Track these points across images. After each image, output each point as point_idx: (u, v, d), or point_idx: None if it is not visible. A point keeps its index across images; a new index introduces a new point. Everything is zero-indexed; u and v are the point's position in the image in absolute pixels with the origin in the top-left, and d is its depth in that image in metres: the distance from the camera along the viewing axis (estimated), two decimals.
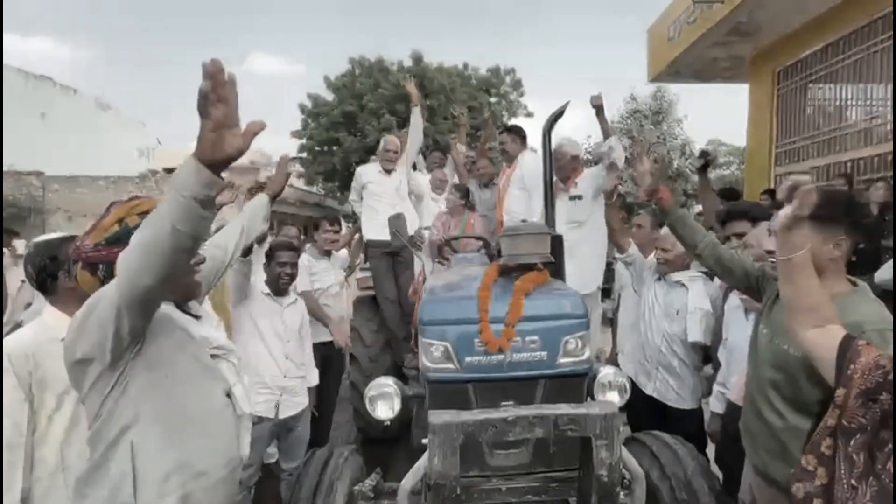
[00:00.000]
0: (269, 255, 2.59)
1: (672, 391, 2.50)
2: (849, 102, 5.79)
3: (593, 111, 3.20)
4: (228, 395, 1.36)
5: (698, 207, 9.21)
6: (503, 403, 1.63)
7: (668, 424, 2.53)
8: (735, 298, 2.20)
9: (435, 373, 1.73)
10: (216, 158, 0.94)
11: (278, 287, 2.59)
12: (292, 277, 2.60)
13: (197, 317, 1.41)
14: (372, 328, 3.77)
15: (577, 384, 1.78)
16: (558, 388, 1.71)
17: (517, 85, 20.53)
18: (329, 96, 18.98)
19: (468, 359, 1.70)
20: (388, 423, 1.84)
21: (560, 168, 3.29)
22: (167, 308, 1.27)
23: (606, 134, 3.23)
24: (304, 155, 20.15)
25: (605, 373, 1.83)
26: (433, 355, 1.72)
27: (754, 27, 5.84)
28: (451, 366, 1.71)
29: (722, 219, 2.69)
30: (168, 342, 1.21)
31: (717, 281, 2.58)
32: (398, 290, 3.76)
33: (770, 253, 1.56)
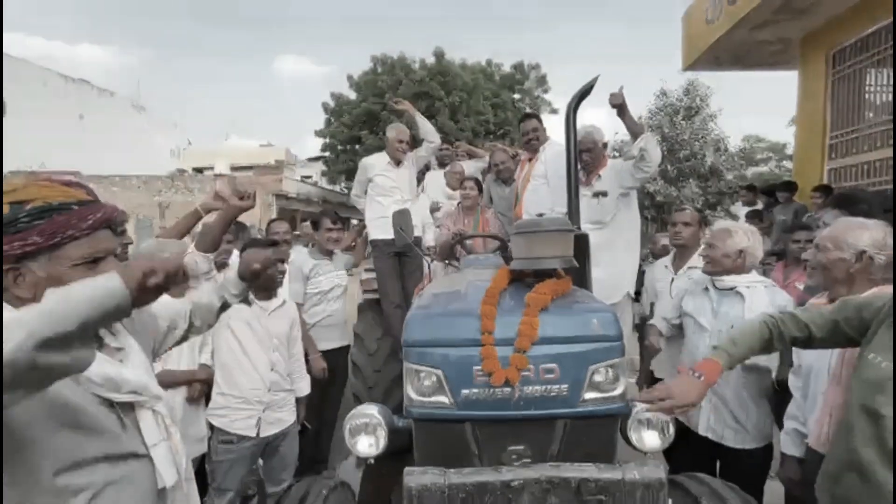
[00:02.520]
0: None
1: (729, 429, 2.02)
2: None
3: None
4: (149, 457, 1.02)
5: (735, 206, 8.57)
6: (510, 449, 1.26)
7: (720, 464, 2.10)
8: None
9: (422, 408, 1.36)
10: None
11: (265, 289, 2.29)
12: (280, 275, 2.30)
13: (118, 349, 1.05)
14: (376, 335, 3.45)
15: (609, 428, 1.39)
16: (583, 431, 1.32)
17: (542, 81, 20.02)
18: (352, 95, 18.89)
19: (465, 392, 1.32)
20: (371, 460, 1.50)
21: (584, 159, 2.88)
22: None
23: (634, 134, 2.78)
24: (328, 153, 20.15)
25: (642, 407, 1.43)
26: (421, 385, 1.35)
27: (807, 3, 5.24)
28: (443, 400, 1.33)
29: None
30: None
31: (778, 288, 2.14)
32: (404, 293, 3.43)
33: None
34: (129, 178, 18.44)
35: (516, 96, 19.70)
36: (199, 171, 24.47)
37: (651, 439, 1.45)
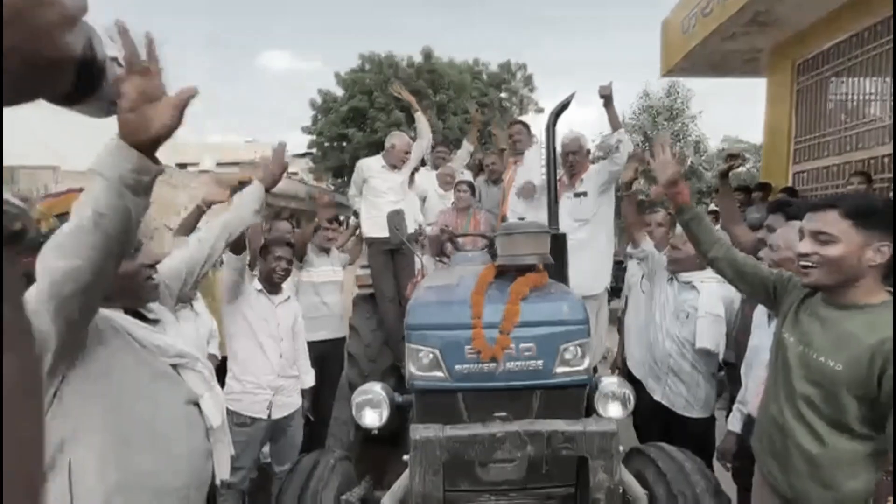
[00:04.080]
0: (264, 251, 2.51)
1: (681, 398, 2.38)
2: (870, 97, 5.53)
3: (601, 101, 3.04)
4: (198, 406, 1.26)
5: (713, 207, 8.98)
6: (495, 415, 1.51)
7: (676, 433, 2.40)
8: (762, 306, 2.03)
9: (422, 381, 1.61)
10: (140, 140, 0.83)
11: (272, 283, 2.51)
12: (287, 273, 2.53)
13: (155, 321, 1.30)
14: (371, 327, 3.68)
15: (576, 396, 1.66)
16: (555, 401, 1.59)
17: (528, 81, 20.29)
18: (339, 92, 18.91)
19: (458, 367, 1.58)
20: (377, 431, 1.74)
21: (570, 160, 3.16)
22: (111, 314, 1.15)
23: (615, 126, 3.07)
24: (314, 151, 20.13)
25: (607, 382, 1.71)
26: (421, 362, 1.60)
27: (774, 17, 5.60)
28: (439, 374, 1.59)
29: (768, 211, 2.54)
30: (109, 352, 1.08)
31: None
32: (398, 288, 3.66)
33: (802, 256, 1.41)
34: None
35: (503, 95, 19.96)
36: (182, 166, 24.13)
37: (615, 409, 1.73)
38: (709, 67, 7.40)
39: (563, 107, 2.47)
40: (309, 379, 2.75)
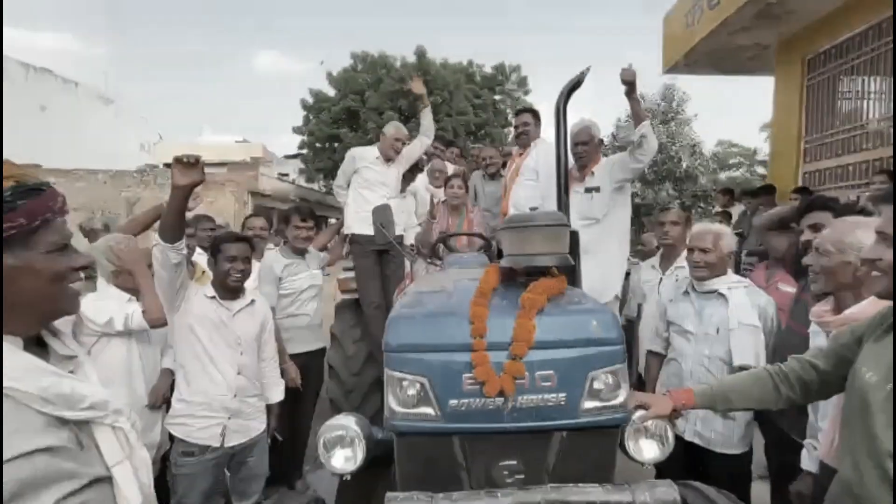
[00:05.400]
0: (215, 250, 2.12)
1: (716, 432, 2.00)
2: (884, 94, 5.27)
3: (624, 90, 2.66)
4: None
5: (715, 209, 8.73)
6: (502, 464, 1.15)
7: (705, 466, 2.05)
8: (813, 324, 1.65)
9: (405, 421, 1.22)
10: None
11: (227, 287, 2.12)
12: (244, 273, 2.13)
13: (69, 357, 0.92)
14: (354, 337, 3.30)
15: (608, 439, 1.28)
16: (582, 446, 1.22)
17: (522, 83, 20.10)
18: (331, 92, 18.54)
19: (453, 402, 1.19)
20: (348, 476, 1.36)
21: (579, 152, 2.80)
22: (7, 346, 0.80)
23: (638, 117, 2.70)
24: (305, 151, 19.74)
25: (641, 414, 1.34)
26: (404, 395, 1.21)
27: (785, 9, 5.33)
28: (428, 411, 1.20)
29: (800, 209, 2.19)
30: None
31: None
32: (385, 293, 3.28)
33: (870, 263, 1.10)
34: (96, 172, 17.74)
35: (497, 97, 19.72)
36: (169, 166, 23.72)
37: (650, 449, 1.36)
38: (712, 64, 7.15)
39: (576, 84, 2.12)
40: (277, 393, 2.36)
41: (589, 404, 1.22)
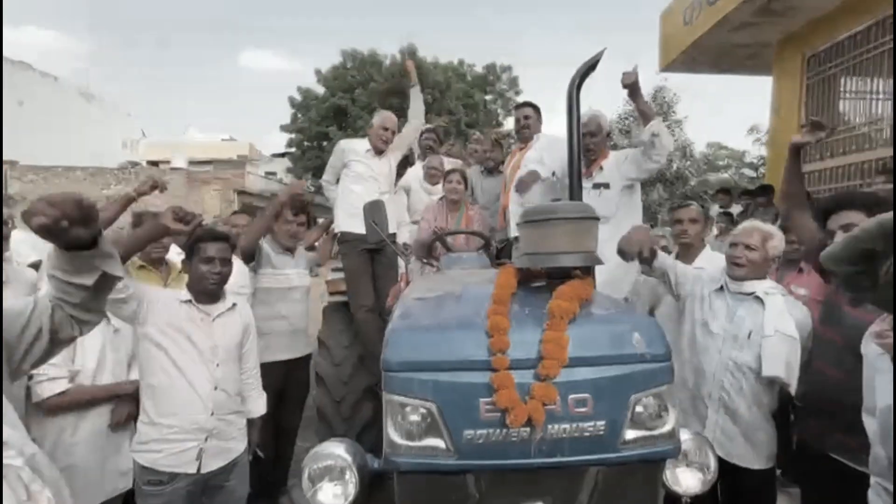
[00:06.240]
0: (191, 250, 1.88)
1: (740, 446, 1.83)
2: (888, 93, 5.18)
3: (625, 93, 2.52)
4: None
5: (714, 209, 8.66)
6: None
7: (725, 485, 1.88)
8: (872, 344, 1.42)
9: (409, 456, 0.99)
10: None
11: (205, 291, 1.88)
12: (222, 275, 1.89)
13: None
14: (344, 342, 3.07)
15: (652, 475, 1.07)
16: (620, 482, 1.01)
17: (513, 83, 20.00)
18: (320, 90, 18.23)
19: (469, 433, 0.97)
20: None
21: (587, 143, 2.62)
22: None
23: (646, 117, 2.55)
24: (293, 150, 19.38)
25: (683, 439, 1.14)
26: (407, 423, 0.99)
27: (788, 5, 5.22)
28: (438, 444, 0.97)
29: (825, 208, 2.00)
30: None
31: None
32: (377, 296, 3.06)
33: None
34: (74, 169, 17.24)
35: (488, 97, 19.58)
36: (154, 164, 23.28)
37: (690, 481, 1.16)
38: (710, 62, 7.05)
39: (591, 67, 1.92)
40: (259, 406, 2.12)
41: (632, 434, 1.01)
